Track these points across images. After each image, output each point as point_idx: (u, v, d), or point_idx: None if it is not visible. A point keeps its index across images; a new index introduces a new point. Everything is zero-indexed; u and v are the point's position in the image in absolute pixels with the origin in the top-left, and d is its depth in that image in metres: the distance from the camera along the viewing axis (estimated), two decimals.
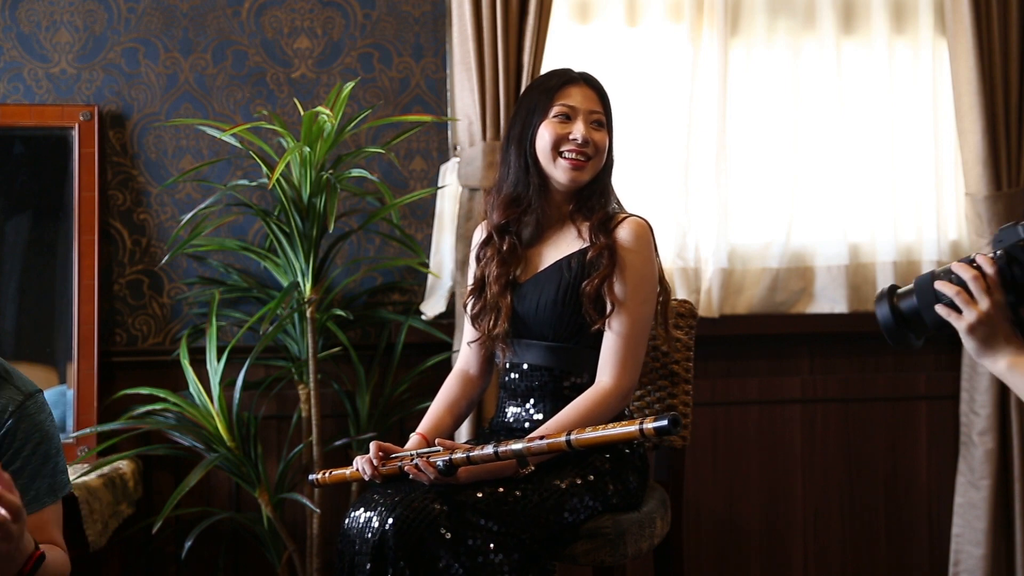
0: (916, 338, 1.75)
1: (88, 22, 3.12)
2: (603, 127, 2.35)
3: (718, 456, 3.34)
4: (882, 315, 1.74)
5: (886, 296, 1.75)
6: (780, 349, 3.36)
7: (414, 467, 2.09)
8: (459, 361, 2.48)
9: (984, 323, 1.65)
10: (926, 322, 1.71)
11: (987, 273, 1.66)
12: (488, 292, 2.35)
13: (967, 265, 1.68)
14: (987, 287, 1.66)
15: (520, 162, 2.34)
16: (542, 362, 2.30)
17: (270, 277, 3.09)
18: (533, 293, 2.31)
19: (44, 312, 3.02)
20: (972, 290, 1.66)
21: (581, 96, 2.33)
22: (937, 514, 3.42)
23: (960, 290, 1.67)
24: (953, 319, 1.68)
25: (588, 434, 1.99)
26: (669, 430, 1.89)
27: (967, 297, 1.66)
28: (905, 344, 1.76)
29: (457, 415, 2.42)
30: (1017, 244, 1.66)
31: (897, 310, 1.73)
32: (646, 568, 2.97)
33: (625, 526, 2.20)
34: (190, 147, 3.16)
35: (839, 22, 3.35)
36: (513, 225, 2.36)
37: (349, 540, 2.09)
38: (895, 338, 1.75)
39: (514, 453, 2.02)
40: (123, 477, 2.85)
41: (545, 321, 2.29)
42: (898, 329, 1.74)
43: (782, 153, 3.35)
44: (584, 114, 2.32)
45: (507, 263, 2.35)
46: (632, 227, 2.30)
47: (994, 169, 3.26)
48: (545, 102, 2.33)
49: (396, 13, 3.23)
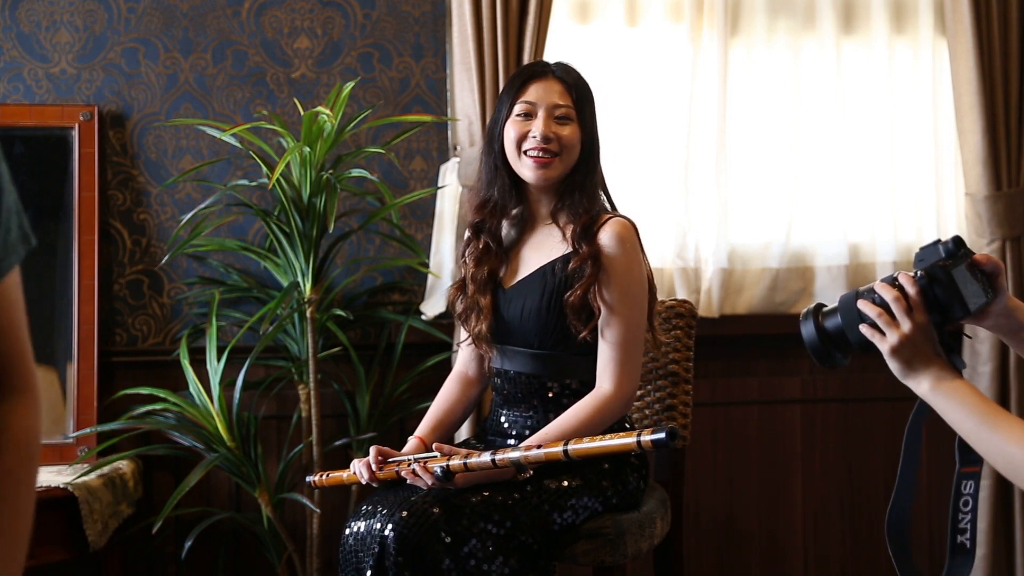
0: (843, 357, 1.73)
1: (88, 22, 3.12)
2: (571, 121, 2.27)
3: (718, 456, 3.34)
4: (807, 334, 1.72)
5: (811, 315, 1.73)
6: (780, 349, 3.36)
7: (412, 472, 2.09)
8: (457, 363, 2.48)
9: (906, 345, 1.62)
10: (851, 341, 1.69)
11: (909, 294, 1.63)
12: (468, 291, 2.34)
13: (889, 285, 1.65)
14: (908, 308, 1.63)
15: (490, 162, 2.33)
16: (528, 370, 2.27)
17: (270, 277, 3.09)
18: (517, 300, 2.29)
19: (44, 312, 3.02)
20: (894, 311, 1.63)
21: (544, 91, 2.27)
22: (937, 514, 3.42)
23: (882, 311, 1.64)
24: (877, 340, 1.65)
25: (585, 444, 1.98)
26: (666, 443, 1.88)
27: (888, 319, 1.64)
28: (831, 363, 1.73)
29: (455, 418, 2.41)
30: (937, 263, 1.64)
31: (822, 329, 1.71)
32: (646, 568, 2.97)
33: (625, 526, 2.20)
34: (190, 147, 3.16)
35: (839, 22, 3.35)
36: (487, 224, 2.34)
37: (350, 550, 2.08)
38: (820, 357, 1.73)
39: (511, 461, 2.01)
40: (123, 477, 2.85)
41: (530, 329, 2.26)
42: (823, 348, 1.72)
43: (782, 153, 3.35)
44: (547, 109, 2.26)
45: (482, 262, 2.33)
46: (616, 229, 2.24)
47: (994, 169, 3.26)
48: (508, 100, 2.30)
49: (396, 13, 3.23)
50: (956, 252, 1.65)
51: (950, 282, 1.63)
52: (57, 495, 2.63)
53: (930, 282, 1.64)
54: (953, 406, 1.62)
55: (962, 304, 1.64)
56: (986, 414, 1.59)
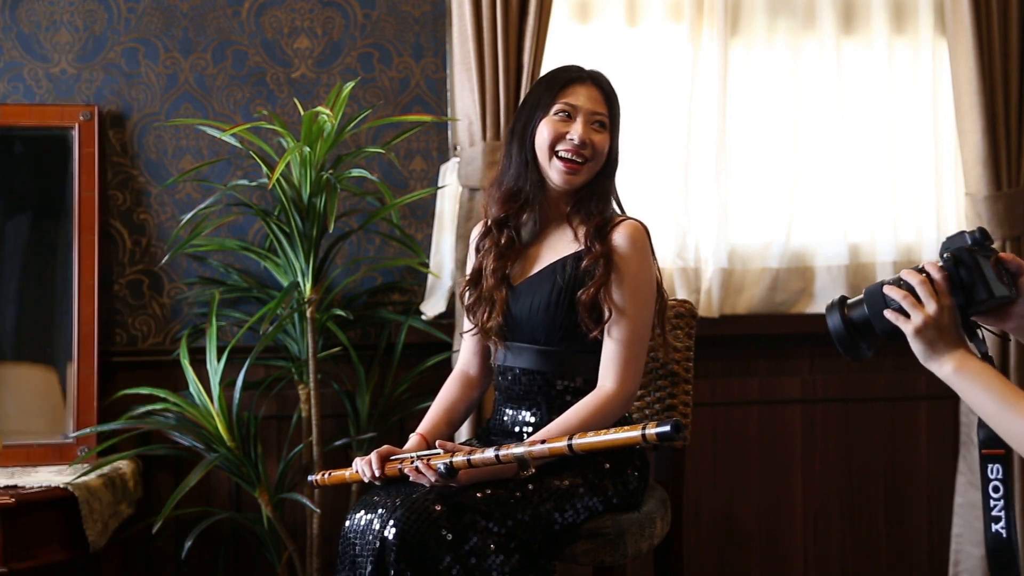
0: (867, 348, 1.76)
1: (88, 22, 3.12)
2: (605, 129, 2.31)
3: (718, 456, 3.34)
4: (833, 324, 1.75)
5: (836, 306, 1.76)
6: (780, 349, 3.36)
7: (414, 469, 2.09)
8: (459, 362, 2.48)
9: (931, 326, 1.66)
10: (876, 330, 1.72)
11: (935, 278, 1.67)
12: (484, 284, 2.34)
13: (914, 271, 1.70)
14: (934, 291, 1.67)
15: (520, 157, 2.33)
16: (534, 366, 2.28)
17: (270, 277, 3.09)
18: (527, 295, 2.30)
19: (44, 312, 3.02)
20: (920, 294, 1.67)
21: (585, 96, 2.30)
22: (937, 514, 3.42)
23: (907, 294, 1.68)
24: (901, 323, 1.68)
25: (590, 439, 1.98)
26: (671, 436, 1.88)
27: (914, 300, 1.67)
28: (856, 354, 1.76)
29: (456, 417, 2.42)
30: (963, 248, 1.69)
31: (848, 319, 1.75)
32: (646, 568, 2.97)
33: (625, 526, 2.20)
34: (190, 147, 3.16)
35: (839, 22, 3.35)
36: (512, 219, 2.35)
37: (349, 543, 2.09)
38: (846, 347, 1.75)
39: (515, 457, 2.01)
40: (123, 477, 2.85)
41: (537, 324, 2.27)
42: (849, 338, 1.75)
43: (782, 153, 3.35)
44: (585, 114, 2.29)
45: (504, 257, 2.34)
46: (628, 231, 2.27)
47: (994, 169, 3.26)
48: (548, 98, 2.31)
49: (396, 13, 3.23)
50: (982, 241, 1.69)
51: (975, 265, 1.67)
52: (57, 495, 2.63)
53: (955, 264, 1.68)
54: (975, 389, 1.64)
55: (986, 287, 1.67)
56: (1009, 397, 1.61)
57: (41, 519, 2.62)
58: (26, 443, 2.94)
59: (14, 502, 2.53)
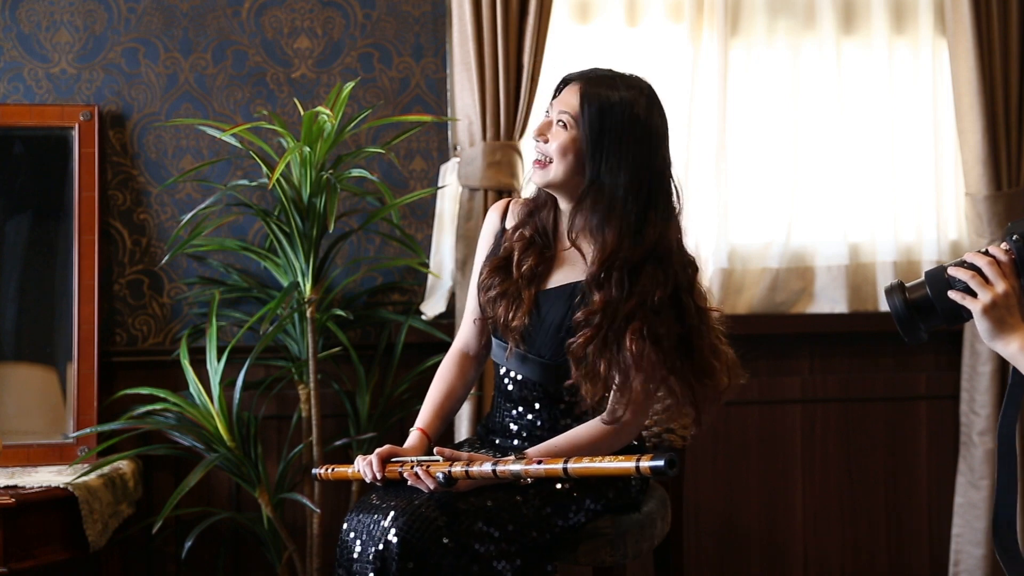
0: (926, 330, 1.78)
1: (88, 22, 3.12)
2: (567, 129, 2.15)
3: (718, 456, 3.34)
4: (894, 306, 1.77)
5: (897, 289, 1.78)
6: (780, 349, 3.36)
7: (414, 475, 2.09)
8: (458, 339, 2.40)
9: (999, 304, 1.69)
10: (938, 311, 1.74)
11: (1001, 260, 1.71)
12: (515, 274, 2.22)
13: (980, 254, 1.72)
14: (1002, 272, 1.70)
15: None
16: (538, 378, 2.23)
17: (270, 277, 3.09)
18: (543, 306, 2.21)
19: (44, 312, 3.02)
20: (987, 274, 1.70)
21: (559, 99, 2.19)
22: (937, 514, 3.42)
23: (975, 274, 1.71)
24: (968, 302, 1.71)
25: (585, 464, 1.95)
26: (664, 471, 1.86)
27: (982, 280, 1.70)
28: (916, 335, 1.78)
29: (455, 401, 2.36)
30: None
31: (910, 301, 1.76)
32: (646, 568, 2.97)
33: (625, 527, 2.20)
34: (190, 147, 3.16)
35: (839, 22, 3.35)
36: (539, 212, 2.26)
37: (347, 547, 2.07)
38: (906, 329, 1.77)
39: (512, 474, 2.01)
40: (123, 477, 2.85)
41: (546, 341, 2.20)
42: (910, 319, 1.76)
43: (782, 153, 3.35)
44: (556, 113, 2.19)
45: (528, 251, 2.23)
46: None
47: (994, 169, 3.26)
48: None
49: (396, 13, 3.23)
50: None
51: None
52: (57, 495, 2.63)
53: (1023, 246, 1.71)
54: None
55: None
56: None
57: (41, 519, 2.62)
58: (26, 443, 2.93)
59: (14, 502, 2.53)
